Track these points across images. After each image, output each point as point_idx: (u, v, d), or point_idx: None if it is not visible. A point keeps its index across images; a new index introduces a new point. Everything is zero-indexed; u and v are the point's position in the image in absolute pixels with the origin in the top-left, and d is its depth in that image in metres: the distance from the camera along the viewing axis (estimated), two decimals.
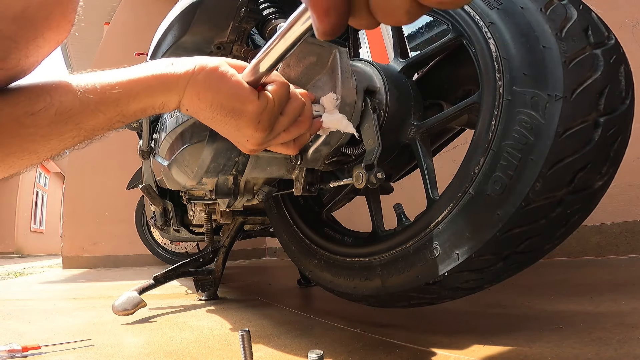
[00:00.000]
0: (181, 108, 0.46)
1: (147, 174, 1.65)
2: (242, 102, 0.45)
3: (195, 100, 0.45)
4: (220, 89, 0.44)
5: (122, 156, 3.57)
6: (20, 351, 0.77)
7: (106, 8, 5.19)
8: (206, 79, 0.44)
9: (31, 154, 0.40)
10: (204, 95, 0.45)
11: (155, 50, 0.93)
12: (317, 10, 0.23)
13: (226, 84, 0.45)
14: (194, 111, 0.46)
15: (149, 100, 0.44)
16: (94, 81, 0.41)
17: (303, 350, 0.73)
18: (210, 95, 0.45)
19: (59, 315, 1.25)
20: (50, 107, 0.38)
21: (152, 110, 0.45)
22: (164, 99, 0.45)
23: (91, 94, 0.40)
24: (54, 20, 0.35)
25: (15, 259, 7.80)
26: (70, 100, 0.39)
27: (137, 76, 0.43)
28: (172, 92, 0.45)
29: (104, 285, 2.13)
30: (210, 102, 0.45)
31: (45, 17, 0.34)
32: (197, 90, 0.45)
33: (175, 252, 3.22)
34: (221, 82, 0.45)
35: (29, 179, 11.54)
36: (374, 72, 0.76)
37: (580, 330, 0.67)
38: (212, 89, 0.44)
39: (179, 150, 0.89)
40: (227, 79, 0.45)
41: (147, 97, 0.43)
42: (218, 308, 1.27)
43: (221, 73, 0.45)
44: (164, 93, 0.44)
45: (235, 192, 1.00)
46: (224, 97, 0.45)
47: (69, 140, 0.41)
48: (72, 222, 3.79)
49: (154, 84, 0.43)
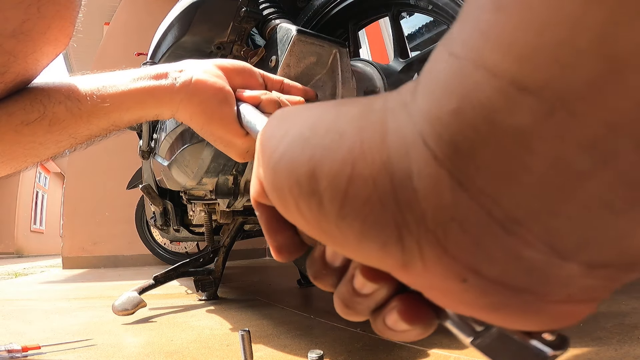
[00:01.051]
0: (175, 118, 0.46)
1: (147, 174, 1.65)
2: (232, 135, 0.43)
3: (187, 119, 0.44)
4: (212, 118, 0.43)
5: (122, 156, 3.57)
6: (20, 351, 0.77)
7: (106, 8, 5.19)
8: (201, 104, 0.43)
9: (33, 157, 0.41)
10: (196, 119, 0.44)
11: (155, 50, 0.93)
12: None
13: (219, 113, 0.42)
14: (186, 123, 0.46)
15: (142, 112, 0.43)
16: (86, 90, 0.40)
17: (303, 350, 0.73)
18: (202, 120, 0.43)
19: (58, 315, 1.25)
20: (44, 118, 0.38)
21: (146, 119, 0.44)
22: (157, 112, 0.44)
23: (83, 106, 0.40)
24: (51, 35, 0.35)
25: (15, 259, 7.80)
26: (62, 112, 0.39)
27: (129, 88, 0.42)
28: (165, 107, 0.43)
29: (104, 285, 2.13)
30: (201, 126, 0.44)
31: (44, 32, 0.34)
32: (190, 112, 0.43)
33: (175, 252, 3.22)
34: (215, 112, 0.42)
35: (29, 179, 11.54)
36: (374, 72, 0.76)
37: (580, 330, 0.67)
38: (205, 115, 0.43)
39: (179, 150, 0.89)
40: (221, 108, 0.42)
41: (139, 111, 0.43)
42: (218, 308, 1.27)
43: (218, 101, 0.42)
44: (156, 108, 0.43)
45: (235, 192, 1.01)
46: (215, 127, 0.43)
47: (67, 146, 0.42)
48: (72, 222, 3.79)
49: (147, 98, 0.42)
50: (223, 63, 0.46)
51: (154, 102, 0.43)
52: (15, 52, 0.34)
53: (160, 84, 0.43)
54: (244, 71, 0.46)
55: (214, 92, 0.42)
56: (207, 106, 0.42)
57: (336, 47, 0.67)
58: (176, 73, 0.43)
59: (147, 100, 0.42)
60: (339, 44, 0.68)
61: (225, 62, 0.46)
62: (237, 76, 0.45)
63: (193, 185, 0.97)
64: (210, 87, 0.42)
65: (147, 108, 0.43)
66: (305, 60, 0.66)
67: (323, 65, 0.67)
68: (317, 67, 0.67)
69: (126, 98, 0.41)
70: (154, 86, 0.42)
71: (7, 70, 0.34)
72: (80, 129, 0.41)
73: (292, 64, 0.66)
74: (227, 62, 0.46)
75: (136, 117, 0.43)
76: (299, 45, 0.65)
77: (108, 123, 0.42)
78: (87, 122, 0.40)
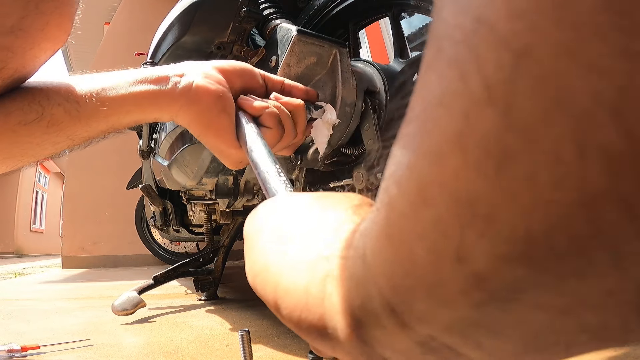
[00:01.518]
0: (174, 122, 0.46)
1: (147, 174, 1.65)
2: (226, 146, 0.43)
3: (186, 124, 0.44)
4: (209, 128, 0.42)
5: (122, 156, 3.57)
6: (20, 351, 0.77)
7: (106, 8, 5.19)
8: (200, 112, 0.42)
9: (30, 157, 0.41)
10: (194, 126, 0.43)
11: (155, 50, 0.93)
12: None
13: (217, 124, 0.42)
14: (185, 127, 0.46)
15: (141, 116, 0.43)
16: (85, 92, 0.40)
17: (303, 350, 0.73)
18: (199, 128, 0.43)
19: (58, 315, 1.25)
20: (42, 119, 0.38)
21: (145, 122, 0.44)
22: (156, 116, 0.43)
23: (82, 108, 0.40)
24: (50, 31, 0.35)
25: (14, 259, 7.79)
26: (60, 114, 0.39)
27: (129, 92, 0.41)
28: (164, 112, 0.43)
29: (104, 285, 2.13)
30: (198, 133, 0.44)
31: (42, 28, 0.34)
32: (188, 119, 0.43)
33: (174, 252, 3.22)
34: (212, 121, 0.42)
35: (29, 178, 11.54)
36: (374, 72, 0.76)
37: None
38: (202, 124, 0.43)
39: (179, 150, 0.89)
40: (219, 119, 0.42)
41: (139, 114, 0.43)
42: (218, 308, 1.27)
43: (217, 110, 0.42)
44: (156, 112, 0.43)
45: (235, 192, 1.01)
46: (211, 137, 0.43)
47: (65, 147, 0.42)
48: (72, 222, 3.79)
49: (146, 103, 0.42)
50: (223, 65, 0.45)
51: (153, 107, 0.42)
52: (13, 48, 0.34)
53: (161, 89, 0.42)
54: (245, 73, 0.45)
55: (214, 100, 0.42)
56: (205, 115, 0.42)
57: (336, 47, 0.67)
58: (177, 78, 0.43)
59: (146, 105, 0.42)
60: (339, 44, 0.68)
61: (226, 64, 0.45)
62: (238, 79, 0.45)
63: (193, 185, 0.97)
64: (211, 95, 0.42)
65: (147, 112, 0.43)
66: (305, 61, 0.66)
67: (323, 66, 0.67)
68: (317, 67, 0.67)
69: (126, 102, 0.41)
70: (154, 90, 0.42)
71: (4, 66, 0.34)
72: (79, 131, 0.40)
73: (292, 64, 0.66)
74: (227, 64, 0.45)
75: (135, 120, 0.43)
76: (299, 45, 0.65)
77: (107, 126, 0.42)
78: (86, 124, 0.40)
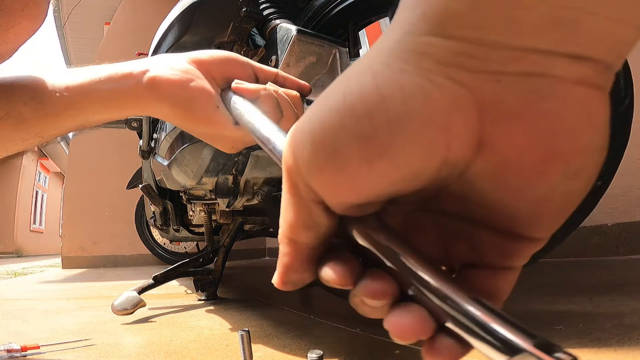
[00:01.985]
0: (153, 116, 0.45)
1: (147, 173, 1.65)
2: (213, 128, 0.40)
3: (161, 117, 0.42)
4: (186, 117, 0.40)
5: (122, 156, 3.57)
6: (19, 351, 0.77)
7: (106, 8, 5.19)
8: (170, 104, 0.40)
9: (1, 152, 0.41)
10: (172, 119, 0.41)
11: (155, 50, 0.93)
12: None
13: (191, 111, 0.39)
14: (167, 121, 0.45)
15: (109, 115, 0.42)
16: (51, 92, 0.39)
17: (303, 350, 0.73)
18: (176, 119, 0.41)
19: (58, 315, 1.25)
20: (9, 118, 0.38)
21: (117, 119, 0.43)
22: (125, 113, 0.42)
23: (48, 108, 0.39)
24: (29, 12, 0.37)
25: (14, 259, 7.80)
26: (27, 113, 0.38)
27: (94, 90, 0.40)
28: (131, 109, 0.41)
29: (104, 285, 2.13)
30: (178, 125, 0.42)
31: (22, 8, 0.36)
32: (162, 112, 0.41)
33: (174, 252, 3.22)
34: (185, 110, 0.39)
35: (29, 178, 11.54)
36: None
37: (580, 331, 0.67)
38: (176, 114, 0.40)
39: (179, 149, 0.89)
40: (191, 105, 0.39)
41: (106, 113, 0.41)
42: (217, 308, 1.27)
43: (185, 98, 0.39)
44: (123, 110, 0.41)
45: (235, 192, 1.01)
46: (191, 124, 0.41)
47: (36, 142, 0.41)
48: (72, 222, 3.79)
49: (111, 101, 0.40)
50: (200, 56, 0.43)
51: (118, 105, 0.41)
52: None
53: (123, 87, 0.40)
54: (228, 61, 0.43)
55: (179, 90, 0.40)
56: (176, 106, 0.40)
57: (336, 47, 0.67)
58: (140, 74, 0.41)
59: (111, 103, 0.41)
60: (339, 44, 0.68)
61: (204, 54, 0.43)
62: (217, 67, 0.42)
63: (193, 185, 0.97)
64: (174, 86, 0.40)
65: (113, 111, 0.41)
66: (305, 60, 0.66)
67: (323, 65, 0.67)
68: (317, 67, 0.67)
69: (91, 100, 0.40)
70: (117, 89, 0.40)
71: None
72: (47, 129, 0.40)
73: (292, 63, 0.66)
74: (206, 55, 0.43)
75: (104, 119, 0.42)
76: (299, 45, 0.65)
77: (75, 124, 0.41)
78: (53, 123, 0.40)
